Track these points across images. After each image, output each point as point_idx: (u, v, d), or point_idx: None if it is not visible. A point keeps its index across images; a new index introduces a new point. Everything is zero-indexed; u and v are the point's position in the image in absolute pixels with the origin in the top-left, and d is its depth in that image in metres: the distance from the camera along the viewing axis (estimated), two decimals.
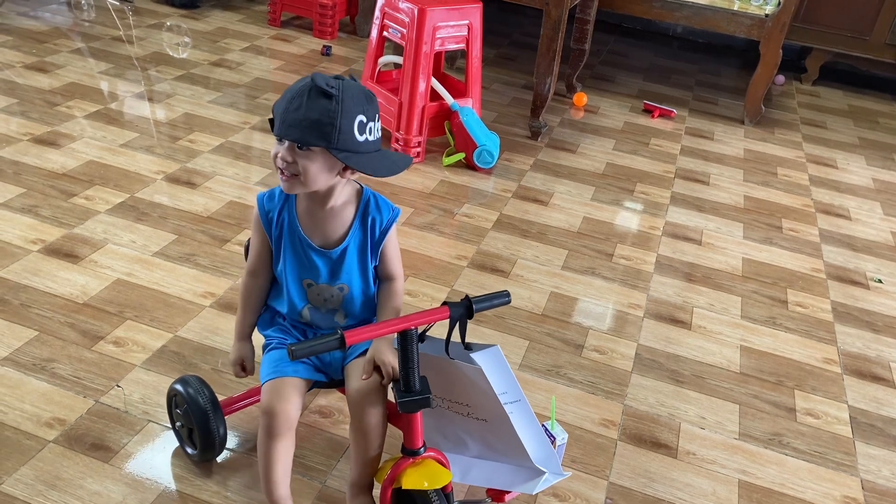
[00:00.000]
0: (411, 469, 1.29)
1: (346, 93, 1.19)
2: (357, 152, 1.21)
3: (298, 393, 1.33)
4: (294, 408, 1.31)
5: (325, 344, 1.17)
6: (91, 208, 2.33)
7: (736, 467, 1.70)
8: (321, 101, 1.18)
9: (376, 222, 1.35)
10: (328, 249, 1.34)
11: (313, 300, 1.38)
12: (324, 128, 1.18)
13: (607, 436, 1.74)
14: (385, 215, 1.36)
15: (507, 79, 3.93)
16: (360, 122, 1.20)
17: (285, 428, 1.30)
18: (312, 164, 1.22)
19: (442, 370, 1.33)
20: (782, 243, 2.68)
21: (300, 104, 1.18)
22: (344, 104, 1.18)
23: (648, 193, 2.91)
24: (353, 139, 1.20)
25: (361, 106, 1.21)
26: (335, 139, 1.18)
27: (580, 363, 1.96)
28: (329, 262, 1.35)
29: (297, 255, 1.36)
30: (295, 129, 1.19)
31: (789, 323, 2.24)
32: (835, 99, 4.33)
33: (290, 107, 1.19)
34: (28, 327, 1.83)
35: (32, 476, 1.46)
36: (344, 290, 1.37)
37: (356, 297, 1.38)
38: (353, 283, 1.37)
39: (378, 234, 1.36)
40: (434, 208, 2.61)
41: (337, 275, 1.36)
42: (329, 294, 1.37)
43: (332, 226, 1.34)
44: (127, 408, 1.64)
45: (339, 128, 1.18)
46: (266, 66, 3.64)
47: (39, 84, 3.13)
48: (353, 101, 1.19)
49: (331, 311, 1.39)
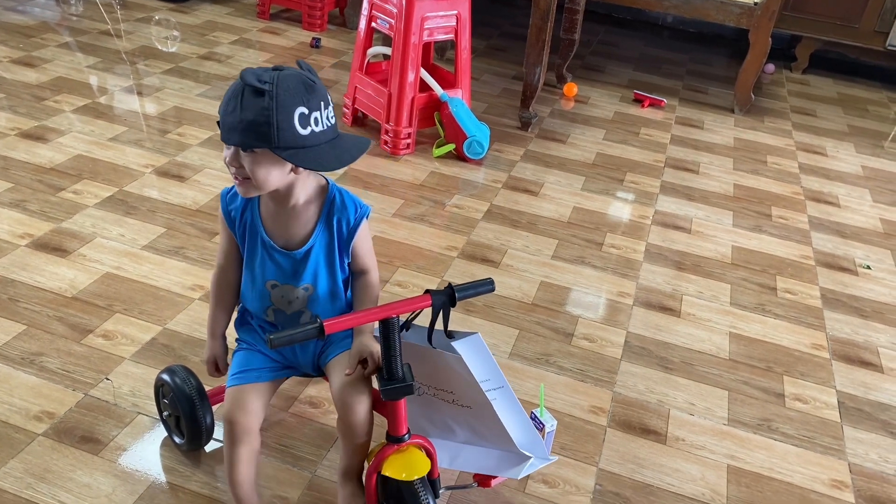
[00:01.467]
0: (394, 457, 1.30)
1: (281, 86, 1.11)
2: (303, 147, 1.14)
3: (260, 399, 1.32)
4: (254, 417, 1.29)
5: (303, 333, 1.16)
6: (79, 202, 2.33)
7: (725, 452, 1.71)
8: (254, 100, 1.11)
9: (342, 222, 1.30)
10: (291, 250, 1.30)
11: (277, 301, 1.35)
12: (260, 128, 1.11)
13: (596, 423, 1.75)
14: (352, 214, 1.31)
15: (497, 69, 3.92)
16: (301, 115, 1.13)
17: (244, 435, 1.29)
18: (259, 167, 1.16)
19: (426, 359, 1.33)
20: (772, 231, 2.69)
21: (235, 106, 1.12)
22: (279, 99, 1.11)
23: (638, 183, 2.91)
24: (296, 134, 1.13)
25: (300, 97, 1.13)
26: (275, 138, 1.11)
27: (570, 351, 1.96)
28: (293, 263, 1.31)
29: (260, 255, 1.32)
30: (233, 132, 1.13)
31: (778, 309, 2.25)
32: (824, 87, 4.33)
33: (227, 109, 1.13)
34: (16, 321, 1.83)
35: (22, 469, 1.46)
36: (309, 291, 1.34)
37: (321, 297, 1.35)
38: (319, 282, 1.33)
39: (346, 233, 1.31)
40: (424, 199, 2.61)
41: (301, 275, 1.32)
42: (294, 295, 1.34)
43: (295, 226, 1.30)
44: (116, 400, 1.64)
45: (277, 125, 1.11)
46: (255, 59, 3.62)
47: (27, 78, 3.11)
48: (290, 93, 1.12)
49: (296, 314, 1.36)
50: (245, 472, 1.33)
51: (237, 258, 1.37)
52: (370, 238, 1.39)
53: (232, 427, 1.29)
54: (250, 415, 1.29)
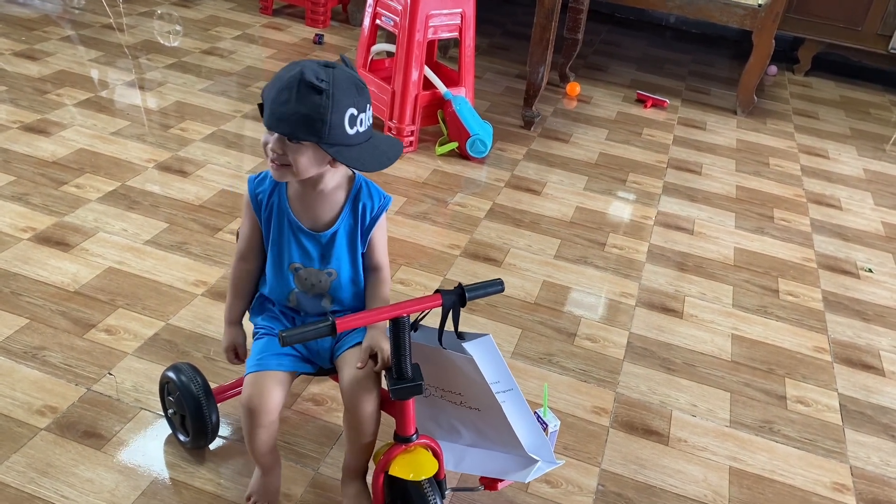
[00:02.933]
0: (401, 457, 1.29)
1: (337, 86, 1.15)
2: (348, 145, 1.19)
3: (281, 387, 1.33)
4: (274, 403, 1.30)
5: (315, 330, 1.17)
6: (82, 196, 2.32)
7: (727, 454, 1.71)
8: (311, 96, 1.14)
9: (367, 209, 1.34)
10: (318, 232, 1.33)
11: (301, 285, 1.37)
12: (314, 123, 1.15)
13: (599, 423, 1.75)
14: (376, 202, 1.35)
15: (501, 68, 3.92)
16: (350, 116, 1.17)
17: (265, 421, 1.31)
18: (302, 157, 1.20)
19: (435, 359, 1.33)
20: (774, 233, 2.69)
21: (289, 97, 1.15)
22: (334, 98, 1.15)
23: (641, 183, 2.91)
24: (344, 133, 1.17)
25: (352, 98, 1.18)
26: (325, 134, 1.16)
27: (572, 351, 1.96)
28: (318, 246, 1.34)
29: (286, 237, 1.34)
30: (284, 123, 1.17)
31: (780, 312, 2.25)
32: (827, 89, 4.34)
33: (279, 98, 1.16)
34: (19, 315, 1.82)
35: (24, 463, 1.45)
36: (332, 276, 1.36)
37: (344, 284, 1.37)
38: (342, 268, 1.36)
39: (368, 220, 1.34)
40: (427, 197, 2.60)
41: (327, 259, 1.35)
42: (317, 279, 1.36)
43: (323, 209, 1.33)
44: (119, 395, 1.64)
45: (330, 123, 1.15)
46: (258, 55, 3.62)
47: (29, 72, 3.10)
48: (344, 93, 1.16)
49: (317, 296, 1.38)
50: (266, 447, 1.35)
51: (258, 246, 1.38)
52: (386, 234, 1.40)
53: (250, 414, 1.29)
54: (271, 401, 1.30)
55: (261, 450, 1.35)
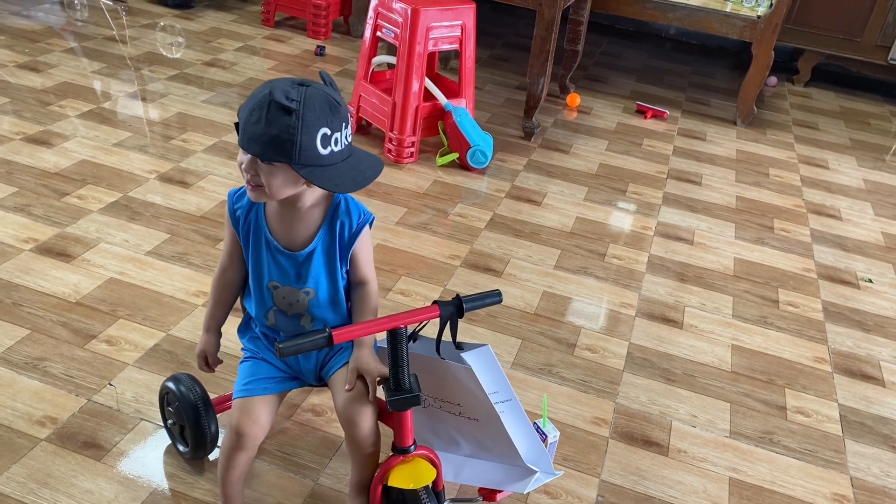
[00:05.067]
0: (400, 467, 1.29)
1: (307, 106, 1.12)
2: (321, 166, 1.15)
3: (268, 410, 1.33)
4: (261, 428, 1.31)
5: (312, 342, 1.17)
6: (84, 207, 2.33)
7: (727, 465, 1.71)
8: (281, 118, 1.11)
9: (345, 226, 1.31)
10: (294, 252, 1.31)
11: (279, 303, 1.35)
12: (283, 144, 1.12)
13: (599, 434, 1.75)
14: (355, 219, 1.31)
15: (501, 79, 3.94)
16: (323, 136, 1.14)
17: (250, 446, 1.32)
18: (275, 179, 1.17)
19: (433, 370, 1.33)
20: (774, 243, 2.70)
21: (259, 118, 1.12)
22: (304, 119, 1.12)
23: (641, 194, 2.92)
24: (316, 154, 1.14)
25: (325, 118, 1.14)
26: (296, 156, 1.13)
27: (572, 362, 1.96)
28: (295, 265, 1.32)
29: (263, 255, 1.33)
30: (255, 143, 1.14)
31: (780, 322, 2.25)
32: (826, 100, 4.35)
33: (250, 118, 1.14)
34: (20, 326, 1.83)
35: (24, 474, 1.46)
36: (310, 294, 1.34)
37: (322, 302, 1.35)
38: (320, 286, 1.34)
39: (347, 238, 1.32)
40: (428, 208, 2.61)
41: (303, 278, 1.32)
42: (294, 298, 1.34)
43: (299, 228, 1.31)
44: (119, 406, 1.64)
45: (300, 144, 1.12)
46: (260, 67, 3.64)
47: (32, 83, 3.12)
48: (315, 114, 1.13)
49: (296, 315, 1.36)
50: (238, 476, 1.35)
51: (239, 259, 1.38)
52: (371, 249, 1.38)
53: (239, 437, 1.29)
54: (258, 426, 1.30)
55: (232, 477, 1.35)
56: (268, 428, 1.32)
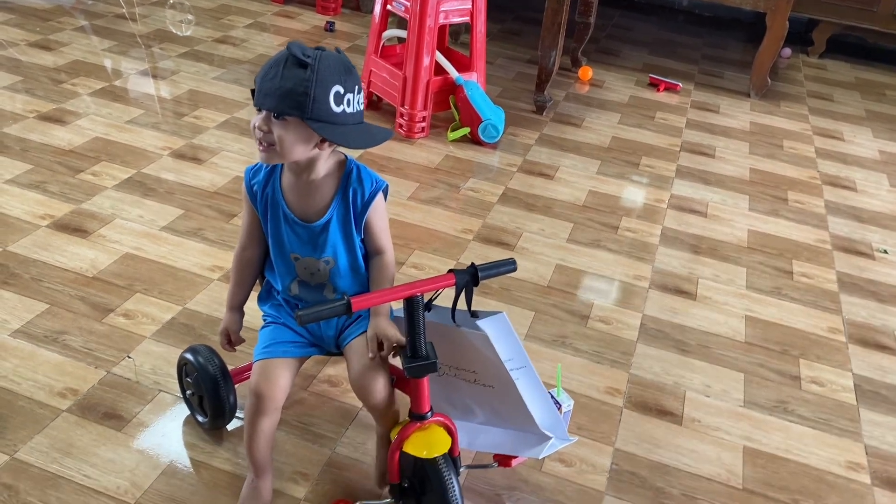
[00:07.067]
0: (416, 434, 1.31)
1: (323, 63, 1.17)
2: (333, 123, 1.19)
3: (288, 373, 1.35)
4: (281, 390, 1.33)
5: (331, 309, 1.18)
6: (98, 184, 2.35)
7: (741, 434, 1.72)
8: (296, 71, 1.16)
9: (357, 194, 1.32)
10: (310, 223, 1.33)
11: (301, 273, 1.37)
12: (298, 97, 1.16)
13: (612, 403, 1.76)
14: (367, 187, 1.33)
15: (512, 53, 3.91)
16: (336, 93, 1.18)
17: (271, 408, 1.33)
18: (288, 134, 1.20)
19: (449, 338, 1.34)
20: (788, 215, 2.68)
21: (276, 73, 1.17)
22: (319, 74, 1.16)
23: (654, 167, 2.90)
24: (329, 110, 1.18)
25: (339, 76, 1.19)
26: (309, 108, 1.17)
27: (586, 333, 1.97)
28: (312, 235, 1.34)
29: (282, 228, 1.35)
30: (269, 97, 1.18)
31: (794, 293, 2.24)
32: (842, 71, 4.29)
33: (266, 76, 1.19)
34: (39, 300, 1.85)
35: (47, 444, 1.48)
36: (330, 264, 1.35)
37: (343, 271, 1.37)
38: (339, 255, 1.35)
39: (360, 206, 1.33)
40: (440, 183, 2.61)
41: (321, 248, 1.34)
42: (315, 268, 1.36)
43: (314, 198, 1.32)
44: (138, 378, 1.66)
45: (314, 97, 1.16)
46: (270, 43, 3.63)
47: (44, 62, 3.13)
48: (330, 71, 1.18)
49: (319, 286, 1.38)
50: (264, 442, 1.36)
51: (258, 235, 1.39)
52: (386, 217, 1.39)
53: (259, 400, 1.31)
54: (278, 388, 1.32)
55: (259, 444, 1.36)
56: (287, 390, 1.34)
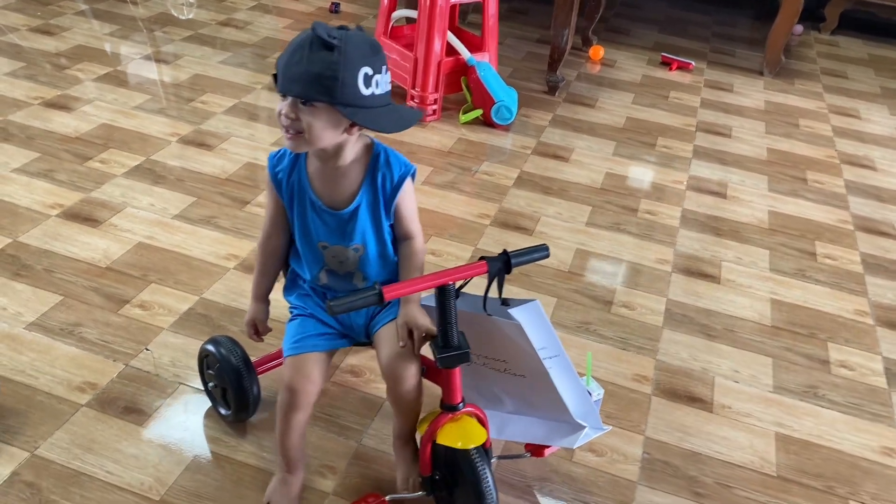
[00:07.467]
0: (449, 425, 1.28)
1: (350, 43, 1.11)
2: (363, 107, 1.14)
3: (320, 367, 1.31)
4: (315, 385, 1.29)
5: (363, 300, 1.15)
6: (107, 172, 2.30)
7: (772, 420, 1.68)
8: (322, 53, 1.10)
9: (387, 179, 1.28)
10: (338, 210, 1.29)
11: (330, 262, 1.33)
12: (326, 81, 1.11)
13: (641, 391, 1.72)
14: (396, 171, 1.29)
15: (520, 33, 3.85)
16: (364, 75, 1.13)
17: (305, 403, 1.29)
18: (316, 121, 1.15)
19: (479, 326, 1.31)
20: (808, 195, 2.64)
21: (301, 57, 1.11)
22: (347, 55, 1.11)
23: (670, 147, 2.85)
24: (358, 93, 1.13)
25: (366, 57, 1.13)
26: (338, 93, 1.11)
27: (610, 319, 1.93)
28: (341, 223, 1.30)
29: (309, 216, 1.31)
30: (296, 83, 1.12)
31: (819, 275, 2.20)
32: (854, 48, 4.23)
33: (291, 60, 1.13)
34: (52, 292, 1.81)
35: (68, 440, 1.45)
36: (359, 251, 1.32)
37: (372, 258, 1.33)
38: (368, 243, 1.32)
39: (389, 191, 1.29)
40: (452, 167, 2.56)
41: (350, 235, 1.30)
42: (344, 256, 1.32)
43: (342, 185, 1.28)
44: (157, 371, 1.63)
45: (342, 81, 1.11)
46: (274, 25, 3.56)
47: (46, 47, 3.07)
48: (357, 52, 1.12)
49: (348, 274, 1.34)
50: (297, 437, 1.33)
51: (283, 224, 1.35)
52: (415, 201, 1.35)
53: (293, 395, 1.28)
54: (312, 383, 1.28)
55: (292, 438, 1.32)
56: (320, 385, 1.31)
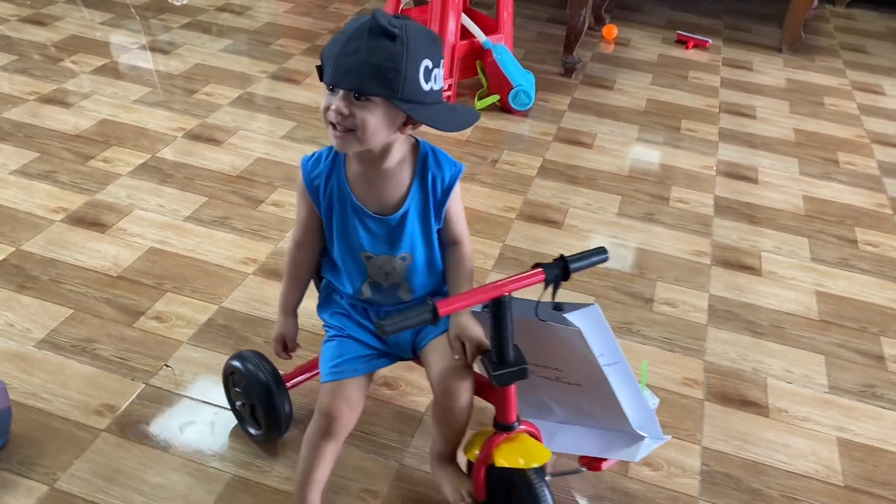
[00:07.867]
0: (505, 445, 1.18)
1: (411, 33, 1.01)
2: (423, 103, 1.04)
3: (360, 392, 1.21)
4: (355, 412, 1.20)
5: (417, 318, 1.04)
6: (111, 171, 2.17)
7: (832, 424, 1.59)
8: (383, 43, 1.00)
9: (437, 180, 1.17)
10: (386, 216, 1.18)
11: (374, 274, 1.22)
12: (387, 74, 1.00)
13: (692, 396, 1.63)
14: (447, 172, 1.18)
15: (530, 13, 3.72)
16: (425, 69, 1.03)
17: (342, 431, 1.19)
18: (372, 117, 1.04)
19: (530, 333, 1.21)
20: (841, 178, 2.54)
21: (358, 46, 1.00)
22: (409, 46, 1.00)
23: (695, 130, 2.74)
24: (419, 88, 1.03)
25: (427, 49, 1.03)
26: (399, 88, 1.01)
27: (652, 318, 1.83)
28: (388, 230, 1.19)
29: (352, 224, 1.19)
30: (352, 75, 1.01)
31: (863, 264, 2.11)
32: (872, 21, 4.11)
33: (345, 50, 1.01)
34: (62, 305, 1.69)
35: (89, 470, 1.34)
36: (406, 260, 1.21)
37: (420, 267, 1.22)
38: (417, 250, 1.21)
39: (440, 193, 1.18)
40: (471, 156, 2.45)
41: (398, 243, 1.19)
42: (391, 266, 1.21)
43: (389, 189, 1.17)
44: (179, 389, 1.52)
45: (405, 74, 1.00)
46: (275, 9, 3.42)
47: (38, 38, 2.93)
48: (419, 42, 1.02)
49: (393, 286, 1.23)
50: (323, 474, 1.22)
51: (316, 233, 1.24)
52: (462, 204, 1.24)
53: (330, 422, 1.17)
54: (352, 409, 1.19)
55: (317, 475, 1.21)
56: (359, 412, 1.21)
